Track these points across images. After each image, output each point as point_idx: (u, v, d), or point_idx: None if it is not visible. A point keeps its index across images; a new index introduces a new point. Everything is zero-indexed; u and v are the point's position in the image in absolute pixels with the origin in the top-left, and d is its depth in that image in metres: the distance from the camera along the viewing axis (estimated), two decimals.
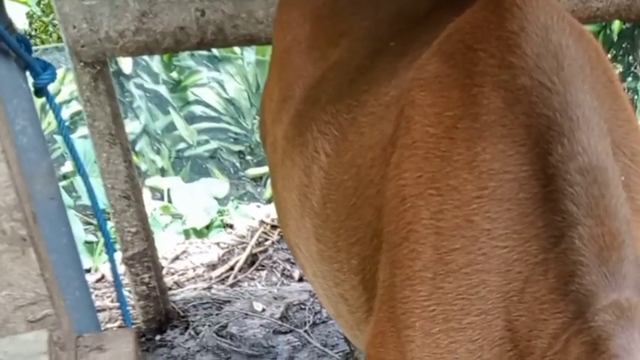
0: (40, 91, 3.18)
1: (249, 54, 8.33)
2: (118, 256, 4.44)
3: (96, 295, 4.89)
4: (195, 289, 5.02)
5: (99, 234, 5.94)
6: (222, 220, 6.63)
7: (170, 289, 4.91)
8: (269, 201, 7.39)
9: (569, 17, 1.61)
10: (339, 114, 2.01)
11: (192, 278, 5.22)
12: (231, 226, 6.41)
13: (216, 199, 7.32)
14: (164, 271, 5.03)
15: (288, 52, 2.43)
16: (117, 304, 4.51)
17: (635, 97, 8.01)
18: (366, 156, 1.83)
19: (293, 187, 2.14)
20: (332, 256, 1.96)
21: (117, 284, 3.72)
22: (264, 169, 7.87)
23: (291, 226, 2.24)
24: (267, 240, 5.59)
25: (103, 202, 4.31)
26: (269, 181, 6.40)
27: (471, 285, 1.46)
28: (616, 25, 8.81)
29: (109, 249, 3.56)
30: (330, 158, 1.99)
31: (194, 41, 3.82)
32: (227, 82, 8.57)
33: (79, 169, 3.35)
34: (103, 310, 4.71)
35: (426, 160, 1.58)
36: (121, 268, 4.49)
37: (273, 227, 5.60)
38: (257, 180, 8.59)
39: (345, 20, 2.32)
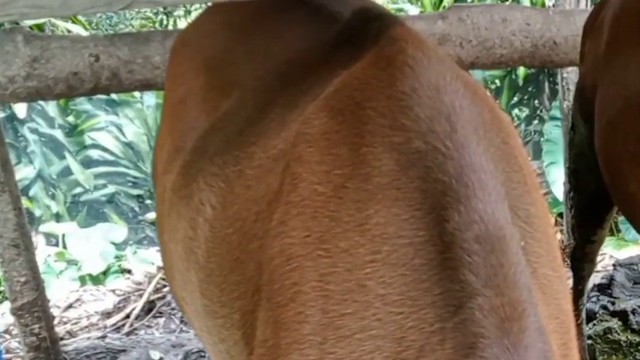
0: None
1: (149, 97, 8.28)
2: (7, 306, 4.31)
3: None
4: (88, 338, 4.91)
5: None
6: (119, 266, 6.53)
7: (62, 339, 4.78)
8: None
9: (462, 75, 1.61)
10: (226, 166, 1.96)
11: (86, 327, 5.11)
12: (129, 272, 6.30)
13: (113, 244, 7.19)
14: (56, 321, 4.89)
15: (183, 103, 2.38)
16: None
17: (542, 139, 8.21)
18: (251, 210, 1.78)
19: (179, 240, 2.09)
20: (216, 311, 1.91)
21: None
22: None
23: (177, 279, 2.18)
24: (165, 286, 5.50)
25: None
26: None
27: (365, 351, 1.41)
28: (521, 70, 9.08)
29: None
30: (216, 211, 1.93)
31: (88, 87, 3.77)
32: (126, 125, 8.50)
33: None
34: None
35: (315, 219, 1.53)
36: (11, 319, 4.35)
37: None
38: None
39: (237, 70, 2.28)
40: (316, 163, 1.59)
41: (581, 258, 3.49)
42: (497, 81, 9.55)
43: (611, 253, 5.61)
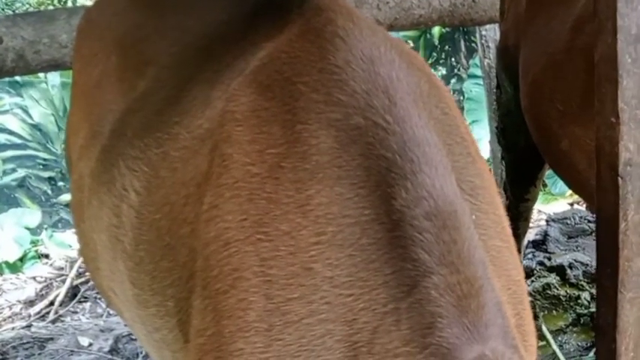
0: None
1: (54, 77, 8.10)
2: None
3: None
4: (13, 328, 4.80)
5: None
6: (36, 251, 6.41)
7: None
8: None
9: (397, 45, 1.57)
10: (148, 148, 1.88)
11: (9, 317, 5.01)
12: (47, 256, 6.19)
13: (28, 229, 7.06)
14: None
15: (98, 87, 2.27)
16: None
17: (462, 98, 8.29)
18: (179, 193, 1.72)
19: (102, 228, 1.99)
20: (148, 300, 1.83)
21: None
22: None
23: (103, 269, 2.09)
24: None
25: None
26: None
27: (315, 336, 1.38)
28: (436, 29, 9.13)
29: None
30: (141, 196, 1.85)
31: None
32: (32, 107, 8.32)
33: None
34: None
35: (251, 201, 1.48)
36: None
37: None
38: None
39: (151, 47, 2.18)
40: (247, 142, 1.54)
41: (515, 216, 3.50)
42: (410, 42, 9.59)
43: (539, 207, 5.70)
